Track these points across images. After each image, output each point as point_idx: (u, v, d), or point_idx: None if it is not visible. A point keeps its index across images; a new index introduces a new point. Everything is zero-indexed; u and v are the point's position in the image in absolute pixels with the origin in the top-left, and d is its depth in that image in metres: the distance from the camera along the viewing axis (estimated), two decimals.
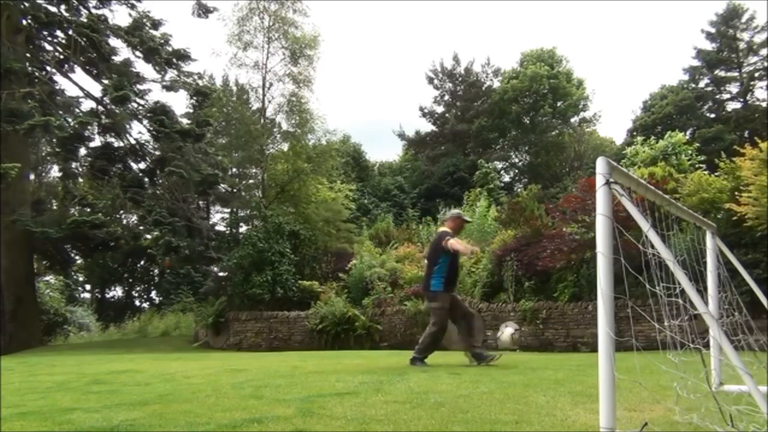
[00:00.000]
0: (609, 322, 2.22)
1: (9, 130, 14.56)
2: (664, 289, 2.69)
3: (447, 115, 34.75)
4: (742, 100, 28.81)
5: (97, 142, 18.06)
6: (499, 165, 34.03)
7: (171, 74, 18.49)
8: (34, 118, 14.40)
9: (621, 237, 2.42)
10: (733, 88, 29.12)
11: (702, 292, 3.79)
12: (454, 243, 6.38)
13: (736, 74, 28.76)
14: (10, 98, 14.78)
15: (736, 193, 9.48)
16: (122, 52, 18.09)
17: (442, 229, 6.96)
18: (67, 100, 16.83)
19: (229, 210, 23.72)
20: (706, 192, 10.20)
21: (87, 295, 30.52)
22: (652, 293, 2.75)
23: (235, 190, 21.69)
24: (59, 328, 21.06)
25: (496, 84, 33.81)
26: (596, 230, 2.34)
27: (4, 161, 14.00)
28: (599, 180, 2.37)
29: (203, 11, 19.02)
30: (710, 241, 4.25)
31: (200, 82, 19.52)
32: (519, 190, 29.35)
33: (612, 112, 56.11)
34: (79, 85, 18.10)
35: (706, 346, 3.25)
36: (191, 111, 20.63)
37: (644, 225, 2.34)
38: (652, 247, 2.37)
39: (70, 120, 16.51)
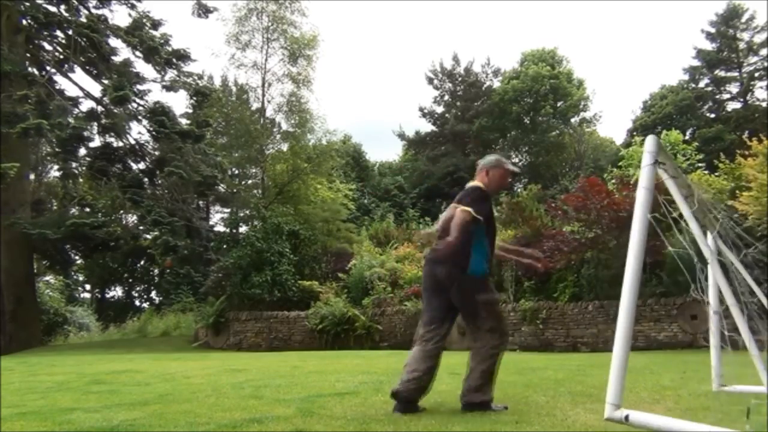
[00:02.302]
0: (633, 293, 2.36)
1: (5, 132, 14.55)
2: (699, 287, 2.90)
3: (447, 115, 34.71)
4: (742, 100, 28.79)
5: (96, 142, 18.09)
6: None
7: (171, 74, 18.49)
8: (28, 121, 14.38)
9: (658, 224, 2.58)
10: (733, 88, 29.10)
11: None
12: (461, 220, 3.50)
13: (736, 74, 28.74)
14: (7, 100, 14.76)
15: (737, 191, 9.49)
16: (122, 52, 18.10)
17: (474, 183, 3.88)
18: (62, 103, 16.74)
19: (229, 210, 23.73)
20: (705, 192, 10.21)
21: (87, 295, 30.53)
22: (662, 294, 2.78)
23: (234, 191, 21.70)
24: (59, 328, 21.04)
25: (496, 84, 33.80)
26: (636, 204, 2.57)
27: (3, 161, 13.99)
28: (646, 158, 2.58)
29: (203, 11, 19.01)
30: (711, 241, 4.25)
31: (200, 83, 19.52)
32: (519, 190, 29.35)
33: (612, 112, 56.20)
34: (79, 85, 18.13)
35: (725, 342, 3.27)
36: (191, 111, 20.63)
37: (686, 210, 2.48)
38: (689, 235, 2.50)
39: (71, 120, 16.48)
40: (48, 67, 17.89)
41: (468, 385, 3.50)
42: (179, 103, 69.76)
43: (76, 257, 22.60)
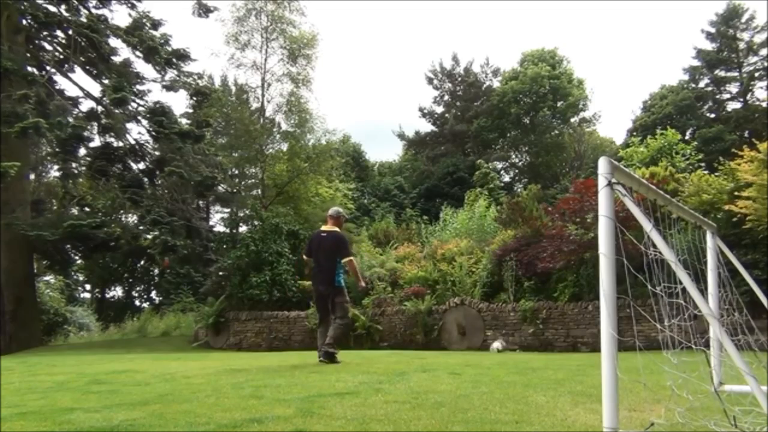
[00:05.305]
0: (612, 323, 2.21)
1: (5, 132, 14.54)
2: (665, 288, 2.70)
3: (446, 115, 34.74)
4: (742, 100, 28.80)
5: (96, 142, 18.09)
6: (499, 165, 34.03)
7: (171, 74, 18.49)
8: (26, 120, 14.36)
9: (622, 237, 2.41)
10: (733, 88, 29.11)
11: (702, 291, 3.79)
12: (357, 267, 7.25)
13: (736, 74, 28.75)
14: (6, 100, 14.75)
15: (736, 192, 9.49)
16: (122, 52, 18.12)
17: (336, 229, 7.11)
18: (61, 104, 16.70)
19: (228, 210, 23.73)
20: (706, 193, 10.21)
21: (87, 295, 30.51)
22: (652, 293, 2.75)
23: (234, 191, 21.68)
24: (59, 328, 21.03)
25: (496, 84, 33.80)
26: (599, 232, 2.32)
27: (3, 161, 13.98)
28: (601, 181, 2.34)
29: (203, 11, 19.01)
30: (710, 241, 4.25)
31: (200, 82, 19.52)
32: (519, 190, 29.35)
33: (612, 112, 56.20)
34: (79, 85, 18.15)
35: (706, 345, 3.25)
36: (191, 111, 20.62)
37: (647, 225, 2.33)
38: (654, 246, 2.36)
39: (70, 119, 16.46)
40: (48, 67, 17.88)
41: (324, 343, 6.50)
42: (179, 103, 69.82)
43: (76, 257, 22.58)
